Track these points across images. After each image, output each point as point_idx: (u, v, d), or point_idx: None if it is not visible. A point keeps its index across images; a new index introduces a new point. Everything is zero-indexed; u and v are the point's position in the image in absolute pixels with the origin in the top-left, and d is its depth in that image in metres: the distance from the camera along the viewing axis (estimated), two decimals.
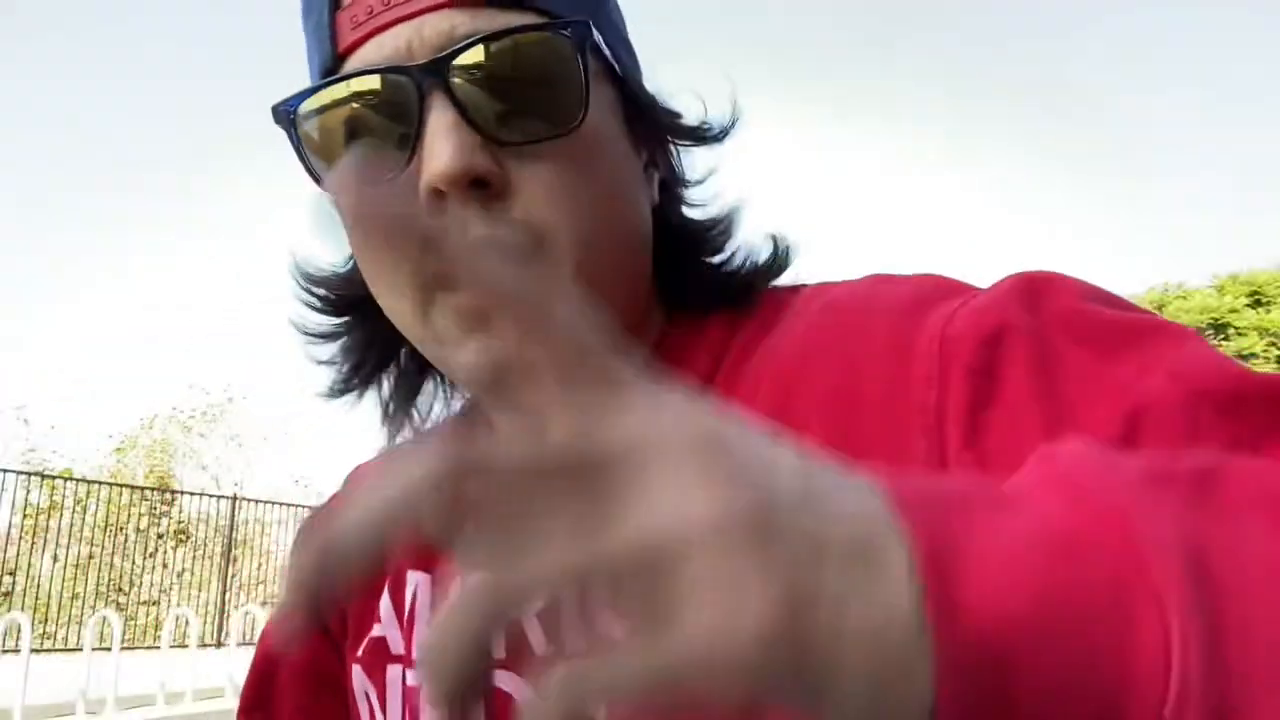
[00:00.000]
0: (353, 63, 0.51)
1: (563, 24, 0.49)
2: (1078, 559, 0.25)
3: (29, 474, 10.19)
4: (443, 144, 0.47)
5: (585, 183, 0.50)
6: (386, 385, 0.66)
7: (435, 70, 0.48)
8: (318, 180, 0.53)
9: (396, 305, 0.53)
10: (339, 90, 0.50)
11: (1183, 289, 24.92)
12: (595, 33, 0.51)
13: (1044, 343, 0.43)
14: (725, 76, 0.62)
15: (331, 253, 0.64)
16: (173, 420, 16.78)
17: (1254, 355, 22.51)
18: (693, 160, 0.63)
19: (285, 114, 0.52)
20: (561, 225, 0.49)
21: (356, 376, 0.65)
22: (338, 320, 0.65)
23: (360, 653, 0.63)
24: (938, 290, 0.49)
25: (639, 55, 0.61)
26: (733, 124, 0.61)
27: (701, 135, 0.61)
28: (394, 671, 0.61)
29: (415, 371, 0.66)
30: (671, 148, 0.61)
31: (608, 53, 0.54)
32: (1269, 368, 22.03)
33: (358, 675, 0.63)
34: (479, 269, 0.26)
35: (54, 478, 11.11)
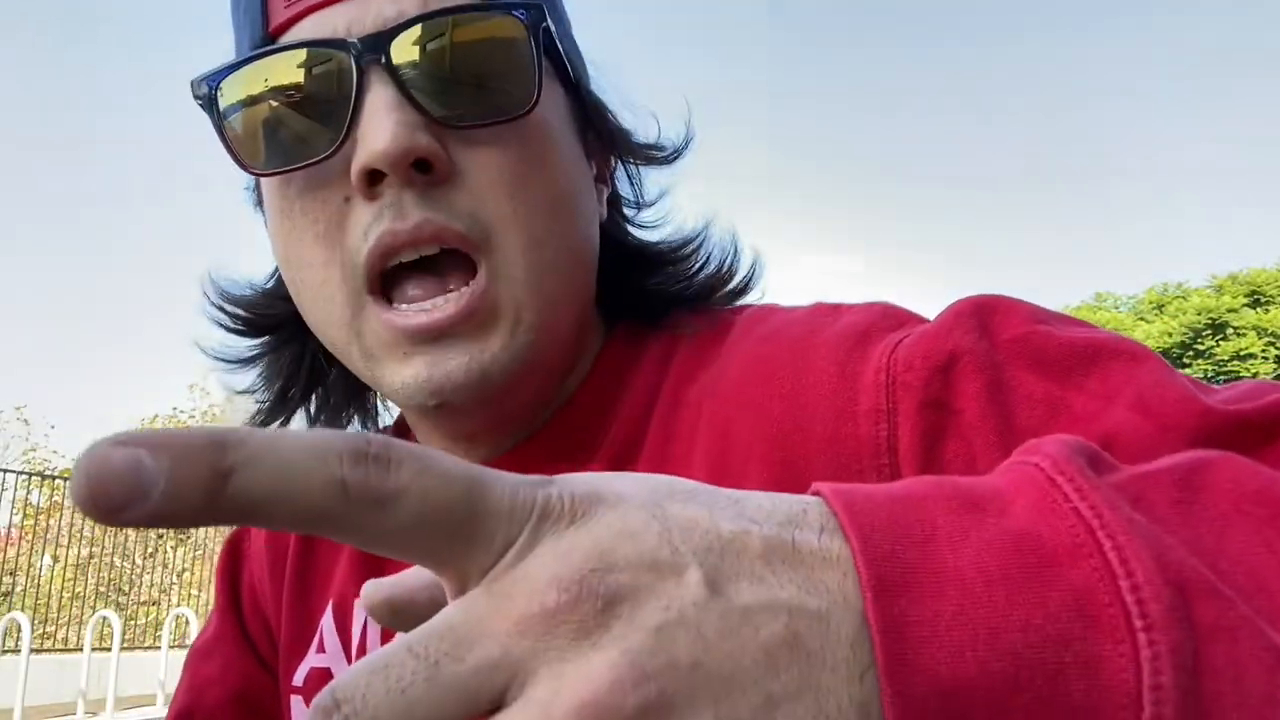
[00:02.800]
0: (285, 41, 0.47)
1: (516, 5, 0.46)
2: (1040, 583, 0.23)
3: (29, 474, 10.19)
4: (383, 121, 0.43)
5: (536, 176, 0.47)
6: (313, 409, 0.62)
7: (376, 46, 0.44)
8: (239, 162, 0.48)
9: (326, 315, 0.49)
10: (269, 66, 0.46)
11: (1182, 289, 24.91)
12: (549, 23, 0.48)
13: (997, 369, 0.41)
14: (682, 97, 0.60)
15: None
16: (173, 420, 16.79)
17: (1252, 355, 22.50)
18: (644, 181, 0.60)
19: (207, 89, 0.47)
20: (511, 220, 0.46)
21: (285, 401, 0.61)
22: (256, 342, 0.61)
23: (300, 682, 0.59)
24: (884, 319, 0.47)
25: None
26: (686, 145, 0.59)
27: (653, 154, 0.59)
28: None
29: (343, 393, 0.62)
30: (620, 166, 0.59)
31: (560, 50, 0.51)
32: (1268, 367, 22.01)
33: (298, 707, 0.59)
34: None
35: (54, 478, 11.09)
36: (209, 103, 0.48)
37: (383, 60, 0.44)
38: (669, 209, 0.60)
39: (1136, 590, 0.23)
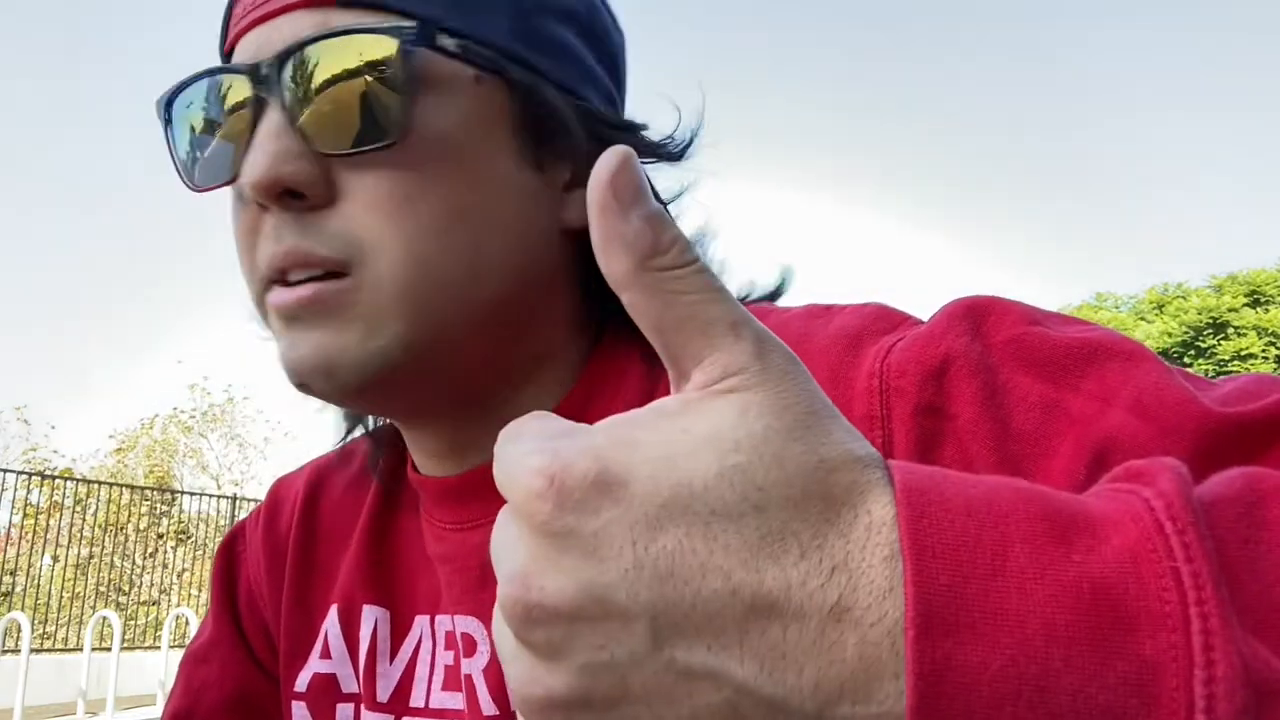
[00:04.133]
0: (234, 60, 0.50)
1: (395, 27, 0.45)
2: (1107, 649, 0.22)
3: (29, 474, 10.20)
4: (257, 152, 0.46)
5: (423, 195, 0.46)
6: None
7: (264, 74, 0.46)
8: (180, 176, 0.52)
9: (252, 304, 0.52)
10: (199, 89, 0.50)
11: (1182, 289, 24.91)
12: (456, 36, 0.47)
13: (992, 372, 0.40)
14: (697, 86, 0.56)
15: None
16: (173, 420, 16.80)
17: (1252, 355, 22.50)
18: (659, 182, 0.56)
19: (162, 106, 0.52)
20: (386, 240, 0.46)
21: None
22: None
23: (303, 688, 0.59)
24: (876, 322, 0.46)
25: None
26: (691, 141, 0.57)
27: (656, 152, 0.56)
28: (345, 711, 0.58)
29: None
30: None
31: (490, 55, 0.48)
32: (1268, 367, 21.99)
33: (299, 712, 0.59)
34: None
35: (54, 478, 11.10)
36: (163, 119, 0.52)
37: (274, 88, 0.46)
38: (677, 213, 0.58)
39: (1211, 684, 0.21)
